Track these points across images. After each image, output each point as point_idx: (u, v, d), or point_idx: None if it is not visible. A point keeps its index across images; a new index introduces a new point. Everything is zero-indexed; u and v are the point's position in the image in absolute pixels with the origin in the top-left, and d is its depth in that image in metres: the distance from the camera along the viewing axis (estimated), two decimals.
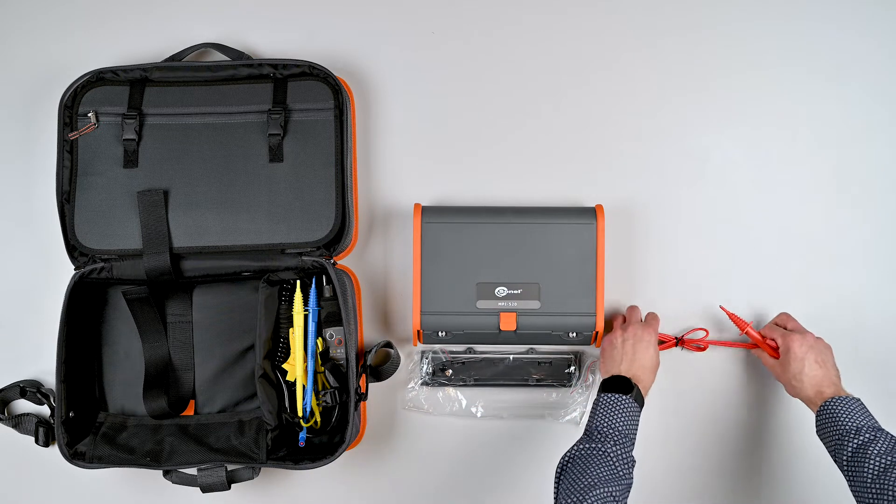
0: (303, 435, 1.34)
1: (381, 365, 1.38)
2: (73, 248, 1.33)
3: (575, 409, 1.40)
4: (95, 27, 1.44)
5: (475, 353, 1.41)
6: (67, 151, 1.35)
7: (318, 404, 1.35)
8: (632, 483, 1.18)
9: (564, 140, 1.43)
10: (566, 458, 1.19)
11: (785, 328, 1.35)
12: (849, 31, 1.44)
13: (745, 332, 1.37)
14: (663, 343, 1.38)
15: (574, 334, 1.35)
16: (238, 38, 1.42)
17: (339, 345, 1.35)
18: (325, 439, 1.36)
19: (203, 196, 1.33)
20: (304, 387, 1.33)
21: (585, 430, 1.24)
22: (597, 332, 1.34)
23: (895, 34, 1.44)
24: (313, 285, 1.35)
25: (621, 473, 1.17)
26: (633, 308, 1.39)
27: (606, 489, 1.13)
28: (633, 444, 1.22)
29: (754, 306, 1.41)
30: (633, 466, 1.19)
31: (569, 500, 1.12)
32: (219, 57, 1.40)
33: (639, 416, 1.25)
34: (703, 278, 1.42)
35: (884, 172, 1.43)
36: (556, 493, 1.17)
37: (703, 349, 1.40)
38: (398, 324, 1.42)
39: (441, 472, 1.42)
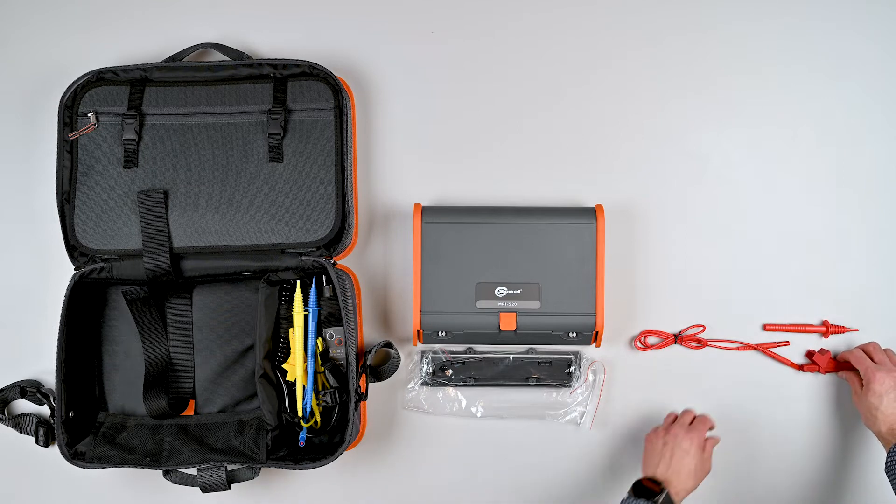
0: (303, 435, 1.34)
1: (381, 365, 1.37)
2: (73, 248, 1.33)
3: (575, 409, 1.40)
4: (95, 27, 1.44)
5: (475, 353, 1.41)
6: (67, 151, 1.35)
7: (318, 404, 1.35)
8: None
9: (564, 140, 1.43)
10: None
11: (871, 358, 1.34)
12: (849, 31, 1.44)
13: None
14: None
15: (574, 334, 1.35)
16: (238, 38, 1.42)
17: (339, 345, 1.35)
18: (325, 439, 1.36)
19: (203, 196, 1.33)
20: (304, 387, 1.33)
21: None
22: (596, 332, 1.34)
23: (895, 34, 1.44)
24: (313, 285, 1.35)
25: None
26: (685, 411, 1.37)
27: None
28: None
29: (754, 305, 1.41)
30: None
31: None
32: (219, 57, 1.40)
33: None
34: (703, 278, 1.42)
35: (884, 172, 1.43)
36: None
37: (702, 346, 1.41)
38: (398, 324, 1.42)
39: (441, 472, 1.41)
